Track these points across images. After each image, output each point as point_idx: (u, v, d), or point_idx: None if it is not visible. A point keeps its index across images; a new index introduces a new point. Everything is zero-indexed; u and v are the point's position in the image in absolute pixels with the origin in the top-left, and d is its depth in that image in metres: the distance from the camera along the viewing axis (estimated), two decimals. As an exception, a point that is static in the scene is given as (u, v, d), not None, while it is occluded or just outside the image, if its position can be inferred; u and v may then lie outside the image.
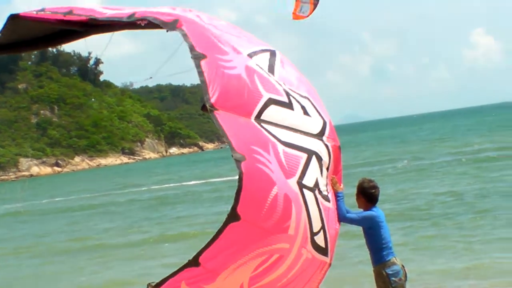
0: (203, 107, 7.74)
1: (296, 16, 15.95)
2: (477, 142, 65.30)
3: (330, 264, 8.33)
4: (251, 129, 7.63)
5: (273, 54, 8.65)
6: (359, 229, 9.38)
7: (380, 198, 9.37)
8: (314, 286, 8.30)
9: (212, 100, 7.45)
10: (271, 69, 8.38)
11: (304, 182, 7.74)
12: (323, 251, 8.05)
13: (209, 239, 7.28)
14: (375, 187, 9.24)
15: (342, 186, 8.73)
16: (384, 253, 9.11)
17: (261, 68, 8.21)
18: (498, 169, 38.85)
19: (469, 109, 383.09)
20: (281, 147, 7.66)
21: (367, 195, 9.19)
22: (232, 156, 7.22)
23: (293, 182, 7.60)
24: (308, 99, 8.43)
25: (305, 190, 7.72)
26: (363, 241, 9.43)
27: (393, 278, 9.03)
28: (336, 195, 8.56)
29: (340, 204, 8.59)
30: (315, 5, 15.80)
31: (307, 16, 15.87)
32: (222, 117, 7.44)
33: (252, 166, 7.27)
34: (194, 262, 7.22)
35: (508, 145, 56.21)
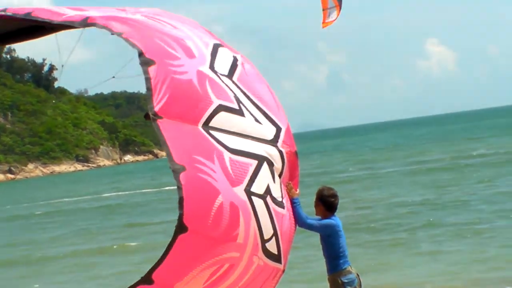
0: (146, 116, 7.59)
1: (325, 24, 16.27)
2: (430, 151, 66.43)
3: (283, 271, 8.29)
4: (196, 137, 7.52)
5: (234, 55, 8.56)
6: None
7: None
8: None
9: (156, 108, 7.35)
10: (231, 71, 8.28)
11: (253, 189, 7.64)
12: (276, 257, 7.98)
13: (159, 253, 7.20)
14: (335, 196, 9.20)
15: (298, 191, 8.62)
16: (341, 261, 9.10)
17: (216, 72, 8.07)
18: (447, 178, 39.57)
19: (424, 119, 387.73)
20: (227, 155, 7.56)
21: (327, 203, 9.14)
22: (170, 167, 7.16)
23: (240, 190, 7.50)
24: (260, 108, 8.29)
25: (254, 198, 7.63)
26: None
27: (348, 287, 9.03)
28: (292, 201, 8.46)
29: (298, 210, 8.52)
30: (340, 6, 16.13)
31: (335, 19, 16.23)
32: (165, 126, 7.33)
33: (193, 176, 7.19)
34: (147, 279, 7.13)
35: (460, 154, 57.16)
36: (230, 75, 8.23)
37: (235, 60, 8.48)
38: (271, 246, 7.88)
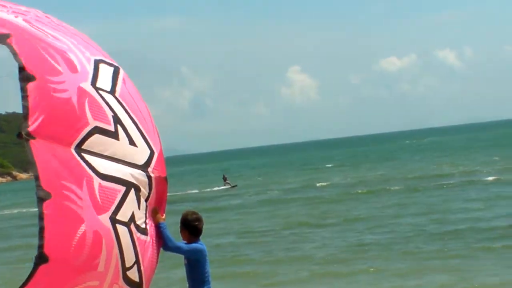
0: (19, 135, 7.23)
1: None
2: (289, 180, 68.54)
3: None
4: (67, 161, 7.31)
5: (116, 70, 8.39)
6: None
7: None
8: None
9: (31, 128, 7.09)
10: (113, 87, 8.10)
11: (119, 217, 7.54)
12: (137, 285, 7.86)
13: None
14: (199, 220, 9.17)
15: (164, 216, 8.52)
16: (205, 287, 9.07)
17: (98, 88, 7.86)
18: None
19: (288, 145, 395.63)
20: (97, 181, 7.43)
21: (191, 227, 9.11)
22: (36, 193, 6.98)
23: (105, 218, 7.38)
24: (139, 128, 8.16)
25: (118, 225, 7.52)
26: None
27: None
28: (159, 225, 8.36)
29: (166, 233, 8.42)
30: None
31: None
32: (37, 148, 7.10)
33: (58, 204, 7.03)
34: None
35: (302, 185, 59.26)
36: (113, 91, 8.05)
37: (115, 76, 8.28)
38: (133, 274, 7.75)
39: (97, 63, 8.17)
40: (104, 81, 8.04)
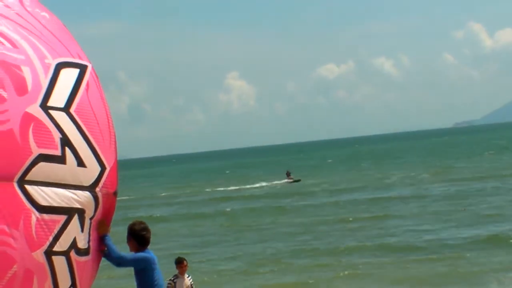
0: None
1: None
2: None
3: None
4: (6, 200, 7.28)
5: (82, 71, 8.15)
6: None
7: None
8: None
9: None
10: (70, 100, 7.88)
11: (56, 248, 7.63)
12: None
13: None
14: (146, 229, 9.06)
15: (109, 228, 8.50)
16: None
17: (48, 108, 7.64)
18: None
19: (226, 152, 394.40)
20: (35, 216, 7.45)
21: (138, 237, 9.00)
22: None
23: (39, 254, 7.49)
24: (91, 144, 8.04)
25: (54, 257, 7.63)
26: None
27: None
28: (104, 237, 8.37)
29: (110, 244, 8.41)
30: None
31: None
32: None
33: None
34: None
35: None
36: (68, 106, 7.84)
37: (79, 81, 8.06)
38: None
39: (58, 69, 7.88)
40: (60, 94, 7.81)
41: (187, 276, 14.00)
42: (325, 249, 28.04)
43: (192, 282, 14.10)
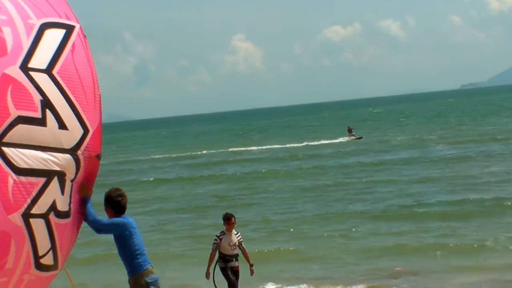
0: None
1: None
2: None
3: (58, 271, 8.34)
4: None
5: (68, 32, 8.06)
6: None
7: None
8: None
9: None
10: (53, 61, 7.82)
11: (34, 210, 7.62)
12: (52, 267, 8.04)
13: None
14: (122, 196, 9.05)
15: (91, 191, 8.49)
16: (140, 261, 8.93)
17: (28, 69, 7.59)
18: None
19: (235, 113, 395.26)
20: (12, 178, 7.45)
21: (114, 204, 9.00)
22: None
23: (16, 216, 7.48)
24: (74, 106, 7.98)
25: (32, 219, 7.61)
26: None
27: (153, 287, 8.91)
28: (84, 199, 8.34)
29: (89, 208, 8.39)
30: None
31: None
32: None
33: None
34: None
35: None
36: (50, 67, 7.80)
37: (63, 42, 7.98)
38: (47, 260, 7.89)
39: (42, 30, 7.85)
40: (42, 56, 7.78)
41: (235, 233, 14.18)
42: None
43: (241, 239, 14.25)
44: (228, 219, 14.05)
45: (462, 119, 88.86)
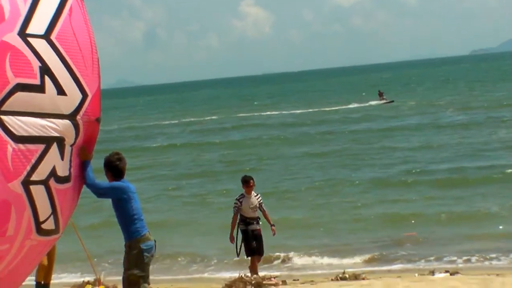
0: None
1: None
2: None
3: (60, 234, 8.36)
4: None
5: None
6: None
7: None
8: (37, 262, 8.51)
9: None
10: (51, 27, 7.74)
11: (34, 177, 7.60)
12: (53, 232, 8.06)
13: None
14: (120, 159, 9.00)
15: (91, 155, 8.44)
16: (138, 226, 8.91)
17: (26, 36, 7.52)
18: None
19: (242, 78, 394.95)
20: (11, 146, 7.42)
21: (113, 168, 8.96)
22: None
23: (16, 184, 7.46)
24: (72, 71, 7.92)
25: (32, 186, 7.61)
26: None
27: (146, 254, 8.88)
28: (84, 163, 8.33)
29: (88, 171, 8.38)
30: None
31: None
32: None
33: None
34: None
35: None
36: (48, 33, 7.72)
37: (61, 6, 7.90)
38: (48, 225, 7.90)
39: None
40: (40, 21, 7.69)
41: (255, 194, 14.09)
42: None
43: (261, 201, 14.16)
44: (246, 182, 13.94)
45: (472, 84, 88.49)
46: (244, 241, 13.76)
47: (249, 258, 13.88)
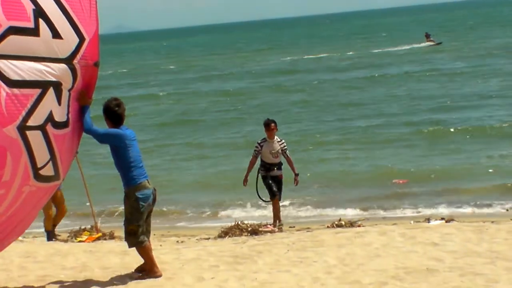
0: None
1: None
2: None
3: (62, 179, 8.38)
4: None
5: None
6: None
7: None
8: (39, 208, 8.51)
9: None
10: None
11: (30, 123, 7.57)
12: (53, 178, 8.06)
13: None
14: (119, 105, 8.82)
15: (91, 100, 8.42)
16: (134, 174, 8.78)
17: None
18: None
19: (234, 24, 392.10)
20: (5, 91, 7.36)
21: (111, 114, 8.81)
22: None
23: (11, 129, 7.43)
24: (69, 15, 7.84)
25: (28, 132, 7.58)
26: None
27: (142, 203, 8.79)
28: (82, 108, 8.30)
29: (86, 117, 8.34)
30: None
31: None
32: None
33: None
34: None
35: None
36: None
37: None
38: (47, 171, 7.90)
39: None
40: None
41: (279, 140, 13.53)
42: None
43: (285, 147, 13.57)
44: (267, 125, 13.37)
45: (469, 31, 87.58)
46: (265, 186, 13.39)
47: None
